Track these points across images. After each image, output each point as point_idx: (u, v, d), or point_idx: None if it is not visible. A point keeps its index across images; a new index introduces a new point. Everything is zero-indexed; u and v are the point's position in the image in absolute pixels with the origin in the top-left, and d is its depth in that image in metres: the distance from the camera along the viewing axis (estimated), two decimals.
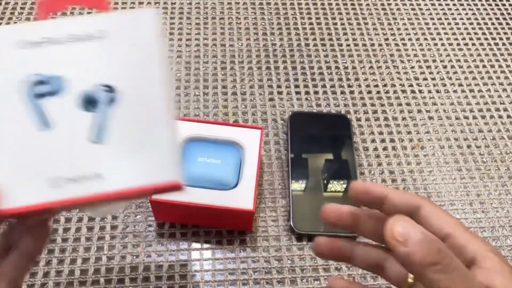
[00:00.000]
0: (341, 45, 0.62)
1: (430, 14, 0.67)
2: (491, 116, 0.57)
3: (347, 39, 0.63)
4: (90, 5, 0.28)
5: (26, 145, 0.24)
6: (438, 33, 0.65)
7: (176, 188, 0.25)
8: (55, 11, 0.28)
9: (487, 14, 0.68)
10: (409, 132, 0.55)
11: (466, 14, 0.68)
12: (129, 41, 0.26)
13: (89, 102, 0.25)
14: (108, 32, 0.26)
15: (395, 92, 0.58)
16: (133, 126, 0.25)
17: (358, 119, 0.55)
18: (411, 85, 0.59)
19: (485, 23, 0.67)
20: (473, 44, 0.64)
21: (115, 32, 0.26)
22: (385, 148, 0.53)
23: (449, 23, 0.66)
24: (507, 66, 0.62)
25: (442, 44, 0.64)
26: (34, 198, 0.23)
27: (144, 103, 0.25)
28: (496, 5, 0.69)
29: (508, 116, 0.57)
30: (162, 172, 0.25)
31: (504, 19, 0.67)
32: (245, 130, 0.48)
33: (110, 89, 0.25)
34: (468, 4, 0.69)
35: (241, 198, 0.43)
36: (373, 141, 0.54)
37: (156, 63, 0.26)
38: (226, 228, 0.46)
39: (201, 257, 0.44)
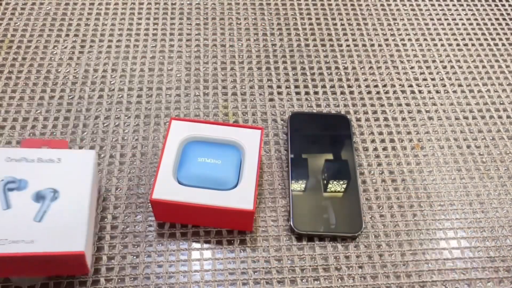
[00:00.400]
0: (341, 45, 0.63)
1: (430, 14, 0.67)
2: (491, 117, 0.57)
3: (347, 40, 0.63)
4: (56, 146, 0.45)
5: None
6: (438, 34, 0.65)
7: (79, 256, 0.38)
8: (33, 147, 0.45)
9: (487, 14, 0.68)
10: (409, 132, 0.55)
11: (466, 14, 0.68)
12: (74, 166, 0.43)
13: (40, 197, 0.40)
14: (62, 159, 0.43)
15: (395, 92, 0.58)
16: (63, 215, 0.40)
17: (358, 119, 0.55)
18: (411, 86, 0.59)
19: (485, 24, 0.67)
20: (473, 45, 0.64)
21: (67, 160, 0.43)
22: (385, 148, 0.53)
23: (449, 24, 0.66)
24: (507, 66, 0.62)
25: (442, 45, 0.64)
26: None
27: (73, 203, 0.41)
28: (496, 5, 0.69)
29: (508, 117, 0.57)
30: (71, 245, 0.38)
31: (504, 19, 0.67)
32: (245, 130, 0.48)
33: (54, 191, 0.41)
34: (468, 5, 0.69)
35: (241, 198, 0.43)
36: (373, 141, 0.54)
37: (87, 181, 0.42)
38: (226, 228, 0.46)
39: (201, 257, 0.45)
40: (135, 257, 0.44)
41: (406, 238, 0.47)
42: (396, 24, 0.66)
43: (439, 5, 0.69)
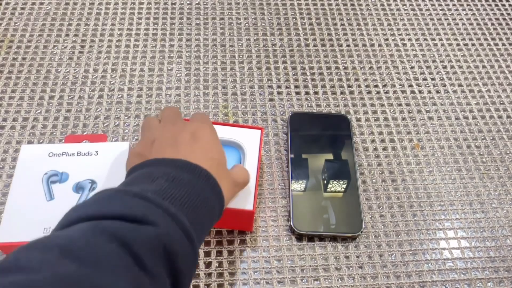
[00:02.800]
0: (341, 45, 0.63)
1: (430, 14, 0.67)
2: (491, 116, 0.57)
3: (347, 40, 0.63)
4: (95, 140, 0.50)
5: (38, 208, 0.41)
6: (438, 34, 0.65)
7: None
8: (75, 142, 0.49)
9: (487, 14, 0.68)
10: (409, 132, 0.55)
11: (466, 14, 0.68)
12: (110, 157, 0.45)
13: (79, 188, 0.43)
14: (100, 152, 0.45)
15: (395, 92, 0.58)
16: None
17: (358, 119, 0.55)
18: (411, 85, 0.59)
19: (485, 24, 0.67)
20: (473, 45, 0.64)
21: (104, 152, 0.45)
22: (385, 148, 0.53)
23: (449, 24, 0.66)
24: (507, 66, 0.62)
25: (442, 45, 0.64)
26: (26, 237, 0.34)
27: None
28: (496, 5, 0.69)
29: (508, 116, 0.57)
30: None
31: (504, 19, 0.67)
32: (245, 130, 0.48)
33: (92, 182, 0.43)
34: (468, 5, 0.69)
35: (241, 198, 0.43)
36: (373, 141, 0.54)
37: (122, 171, 0.42)
38: (226, 228, 0.46)
39: (201, 257, 0.45)
40: None
41: (406, 238, 0.47)
42: (396, 24, 0.66)
43: (439, 5, 0.69)
